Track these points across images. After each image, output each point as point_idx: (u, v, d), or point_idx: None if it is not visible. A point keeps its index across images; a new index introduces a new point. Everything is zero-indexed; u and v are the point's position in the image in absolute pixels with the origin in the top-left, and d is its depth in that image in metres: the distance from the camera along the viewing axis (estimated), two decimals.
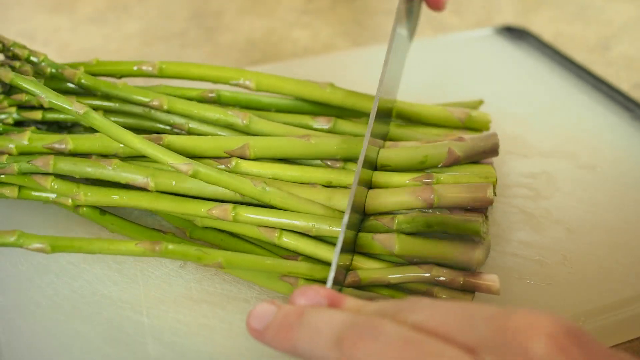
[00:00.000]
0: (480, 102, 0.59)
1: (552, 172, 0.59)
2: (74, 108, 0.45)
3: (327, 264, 0.46)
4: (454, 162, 0.49)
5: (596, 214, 0.55)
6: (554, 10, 0.92)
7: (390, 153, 0.50)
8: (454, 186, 0.47)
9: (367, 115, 0.56)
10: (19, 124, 0.53)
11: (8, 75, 0.47)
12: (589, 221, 0.54)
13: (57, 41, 0.83)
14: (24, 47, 0.53)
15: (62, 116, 0.52)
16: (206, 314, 0.46)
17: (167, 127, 0.53)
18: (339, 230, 0.45)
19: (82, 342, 0.44)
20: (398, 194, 0.47)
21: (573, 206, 0.55)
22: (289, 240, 0.46)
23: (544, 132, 0.64)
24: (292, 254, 0.47)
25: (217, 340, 0.44)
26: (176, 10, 0.93)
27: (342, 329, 0.32)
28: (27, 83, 0.46)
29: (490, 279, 0.44)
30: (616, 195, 0.57)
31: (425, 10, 0.62)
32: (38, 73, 0.53)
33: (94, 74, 0.54)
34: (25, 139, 0.49)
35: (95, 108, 0.52)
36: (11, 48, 0.53)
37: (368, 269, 0.45)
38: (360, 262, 0.46)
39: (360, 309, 0.35)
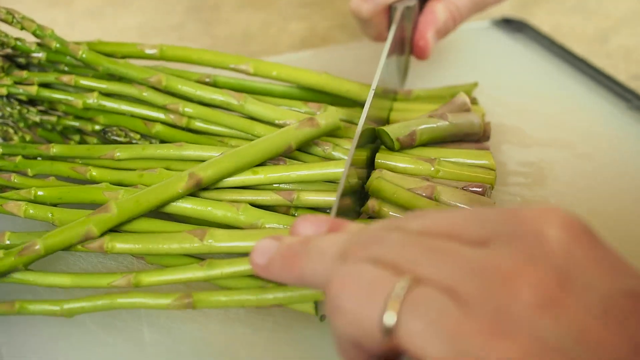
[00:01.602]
0: (475, 85, 0.59)
1: (550, 162, 0.59)
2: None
3: None
4: None
5: (593, 203, 0.55)
6: (552, 2, 0.91)
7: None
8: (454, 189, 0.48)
9: (360, 105, 0.57)
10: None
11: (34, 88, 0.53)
12: (586, 210, 0.54)
13: None
14: (33, 21, 0.54)
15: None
16: None
17: (161, 115, 0.53)
18: None
19: (78, 329, 0.44)
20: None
21: (570, 195, 0.55)
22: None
23: (542, 122, 0.64)
24: None
25: (212, 327, 0.44)
26: (173, 3, 0.92)
27: (346, 244, 0.31)
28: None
29: None
30: (613, 184, 0.57)
31: None
32: (42, 45, 0.54)
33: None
34: None
35: (92, 90, 0.53)
36: (20, 21, 0.54)
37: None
38: None
39: (363, 228, 0.34)
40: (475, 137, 0.52)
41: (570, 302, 0.27)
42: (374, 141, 0.52)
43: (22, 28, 0.53)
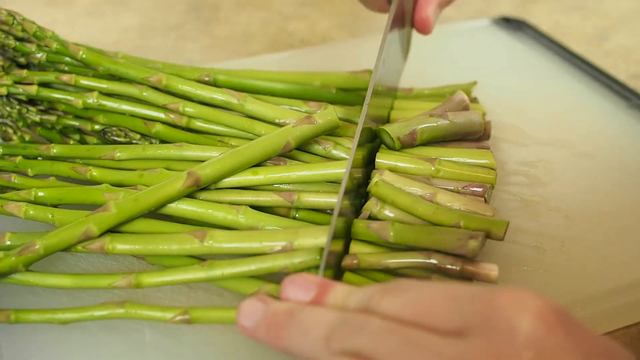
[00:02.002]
0: (474, 84, 0.59)
1: (550, 160, 0.59)
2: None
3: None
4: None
5: (593, 202, 0.55)
6: (551, 1, 0.92)
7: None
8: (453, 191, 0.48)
9: (360, 103, 0.57)
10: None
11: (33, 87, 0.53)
12: (587, 208, 0.54)
13: None
14: (33, 23, 0.54)
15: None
16: (203, 301, 0.46)
17: (161, 115, 0.53)
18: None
19: (79, 330, 0.44)
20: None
21: (570, 194, 0.55)
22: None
23: (542, 121, 0.64)
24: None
25: (213, 327, 0.44)
26: (173, 2, 0.92)
27: (330, 329, 0.33)
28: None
29: (489, 268, 0.43)
30: (613, 183, 0.57)
31: None
32: (42, 46, 0.54)
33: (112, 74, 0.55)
34: None
35: (92, 89, 0.53)
36: (21, 22, 0.54)
37: (366, 253, 0.45)
38: (357, 247, 0.46)
39: (349, 295, 0.35)
40: (476, 136, 0.52)
41: None
42: (374, 140, 0.52)
43: (23, 30, 0.54)
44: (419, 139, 0.50)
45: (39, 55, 0.54)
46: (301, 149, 0.50)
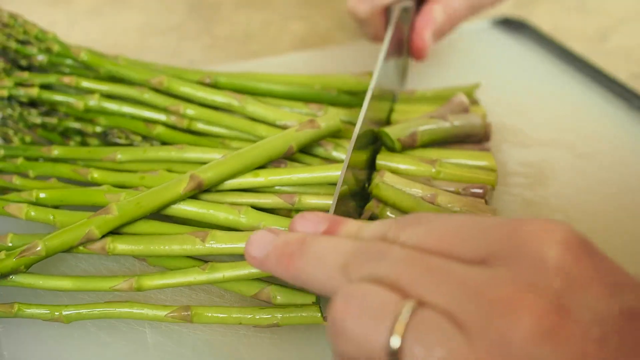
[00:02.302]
0: (477, 86, 0.59)
1: (550, 161, 0.59)
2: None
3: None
4: None
5: (594, 203, 0.55)
6: (552, 2, 0.92)
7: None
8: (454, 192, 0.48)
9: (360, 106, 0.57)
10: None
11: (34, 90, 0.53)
12: (587, 209, 0.54)
13: None
14: (34, 25, 0.54)
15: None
16: (204, 302, 0.46)
17: (162, 117, 0.53)
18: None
19: (80, 330, 0.44)
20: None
21: (571, 194, 0.55)
22: None
23: (542, 122, 0.64)
24: None
25: (214, 328, 0.44)
26: (173, 3, 0.92)
27: (347, 256, 0.31)
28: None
29: None
30: (613, 184, 0.57)
31: None
32: (43, 48, 0.55)
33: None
34: None
35: (93, 91, 0.54)
36: (22, 25, 0.54)
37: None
38: None
39: (361, 228, 0.34)
40: (477, 138, 0.52)
41: (570, 329, 0.27)
42: (375, 142, 0.52)
43: (24, 32, 0.54)
44: (420, 141, 0.50)
45: (40, 58, 0.54)
46: (302, 150, 0.50)
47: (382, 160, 0.50)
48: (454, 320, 0.27)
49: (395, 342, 0.28)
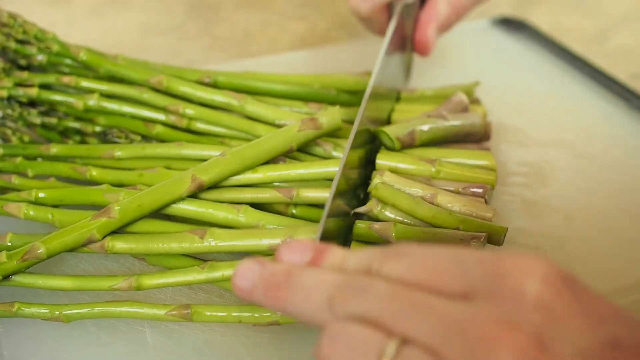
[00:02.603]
0: (476, 84, 0.59)
1: (550, 161, 0.59)
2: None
3: None
4: None
5: (593, 202, 0.55)
6: (551, 2, 0.92)
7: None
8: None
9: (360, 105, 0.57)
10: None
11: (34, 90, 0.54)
12: (587, 209, 0.54)
13: None
14: (34, 25, 0.55)
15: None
16: (203, 301, 0.46)
17: (161, 117, 0.53)
18: None
19: (80, 330, 0.44)
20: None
21: (571, 194, 0.55)
22: None
23: (542, 122, 0.64)
24: None
25: (214, 328, 0.44)
26: (173, 3, 0.92)
27: (332, 290, 0.32)
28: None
29: None
30: (613, 184, 0.57)
31: None
32: (42, 48, 0.55)
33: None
34: None
35: (93, 91, 0.54)
36: (22, 24, 0.54)
37: None
38: (358, 248, 0.46)
39: (345, 258, 0.34)
40: (477, 137, 0.52)
41: None
42: (373, 141, 0.52)
43: (24, 32, 0.54)
44: (419, 140, 0.50)
45: (39, 58, 0.54)
46: (302, 150, 0.50)
47: (382, 159, 0.50)
48: (438, 357, 0.28)
49: None
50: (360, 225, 0.46)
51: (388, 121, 0.56)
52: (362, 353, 0.29)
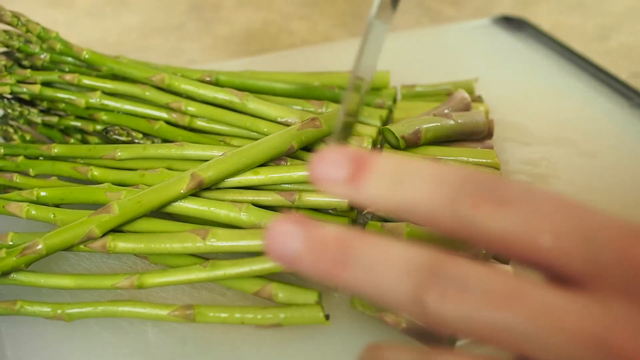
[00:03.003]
0: (475, 80, 0.60)
1: (552, 159, 0.59)
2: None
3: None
4: None
5: (596, 200, 0.55)
6: (552, 0, 0.91)
7: None
8: None
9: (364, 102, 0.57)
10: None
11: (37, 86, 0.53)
12: None
13: None
14: (37, 24, 0.54)
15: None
16: (206, 300, 0.46)
17: (163, 115, 0.53)
18: None
19: (83, 330, 0.44)
20: None
21: (573, 193, 0.55)
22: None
23: (544, 120, 0.64)
24: None
25: (217, 327, 0.44)
26: (174, 2, 0.92)
27: (417, 278, 0.24)
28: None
29: (502, 269, 0.43)
30: (615, 182, 0.57)
31: (420, 1, 0.62)
32: (45, 48, 0.55)
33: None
34: None
35: (95, 89, 0.54)
36: (25, 23, 0.54)
37: None
38: None
39: (404, 175, 0.26)
40: (480, 136, 0.52)
41: None
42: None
43: (27, 31, 0.54)
44: (424, 138, 0.50)
45: (42, 56, 0.54)
46: (304, 149, 0.50)
47: None
48: None
49: None
50: (373, 224, 0.46)
51: (391, 119, 0.56)
52: None
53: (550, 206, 0.24)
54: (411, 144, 0.50)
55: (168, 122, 0.53)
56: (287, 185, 0.48)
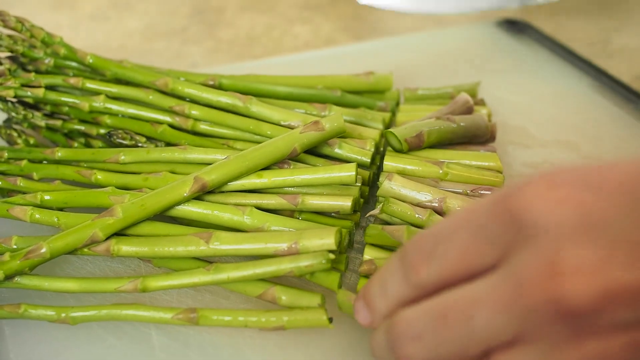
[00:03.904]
0: (477, 84, 0.60)
1: (555, 162, 0.59)
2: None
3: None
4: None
5: None
6: (555, 4, 0.92)
7: None
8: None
9: (366, 105, 0.57)
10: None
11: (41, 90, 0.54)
12: None
13: None
14: (41, 29, 0.55)
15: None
16: (209, 303, 0.46)
17: (167, 118, 0.53)
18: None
19: (86, 333, 0.44)
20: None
21: None
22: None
23: (546, 123, 0.64)
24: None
25: (220, 329, 0.44)
26: (177, 6, 0.93)
27: (419, 327, 0.32)
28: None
29: None
30: None
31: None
32: (48, 53, 0.55)
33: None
34: None
35: (99, 93, 0.54)
36: (30, 29, 0.55)
37: (381, 258, 0.45)
38: (372, 252, 0.46)
39: (380, 284, 0.36)
40: (483, 139, 0.52)
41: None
42: None
43: (31, 36, 0.54)
44: (427, 142, 0.50)
45: (47, 61, 0.55)
46: (308, 152, 0.50)
47: (390, 161, 0.50)
48: (526, 343, 0.29)
49: None
50: (373, 227, 0.46)
51: (394, 123, 0.56)
52: None
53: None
54: (414, 146, 0.50)
55: (171, 126, 0.53)
56: (290, 188, 0.48)
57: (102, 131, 0.54)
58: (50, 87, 0.55)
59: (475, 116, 0.52)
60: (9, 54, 0.56)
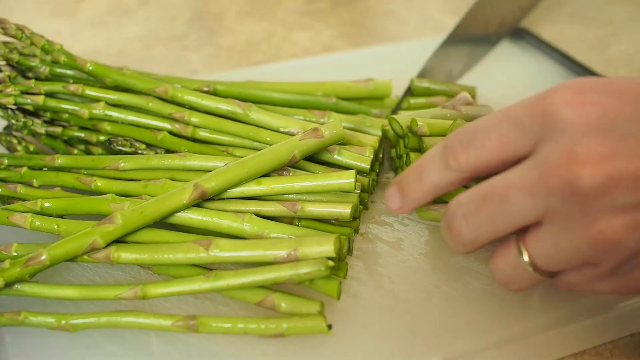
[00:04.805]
0: (473, 89, 0.60)
1: None
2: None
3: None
4: None
5: None
6: (553, 10, 0.92)
7: None
8: None
9: (362, 112, 0.58)
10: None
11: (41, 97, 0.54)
12: None
13: None
14: (41, 36, 0.55)
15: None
16: (209, 310, 0.46)
17: (166, 125, 0.53)
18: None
19: (86, 340, 0.44)
20: None
21: None
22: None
23: None
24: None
25: (220, 337, 0.44)
26: (177, 13, 0.93)
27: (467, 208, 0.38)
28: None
29: None
30: None
31: (422, 10, 0.62)
32: (47, 61, 0.55)
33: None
34: None
35: (98, 100, 0.54)
36: (30, 36, 0.55)
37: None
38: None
39: (430, 173, 0.40)
40: None
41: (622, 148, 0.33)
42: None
43: (31, 43, 0.54)
44: (429, 131, 0.50)
45: (42, 69, 0.55)
46: (307, 158, 0.51)
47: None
48: (553, 221, 0.34)
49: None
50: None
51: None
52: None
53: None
54: (418, 135, 0.50)
55: (171, 133, 0.54)
56: (289, 195, 0.48)
57: (102, 138, 0.54)
58: (50, 94, 0.55)
59: (480, 107, 0.52)
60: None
